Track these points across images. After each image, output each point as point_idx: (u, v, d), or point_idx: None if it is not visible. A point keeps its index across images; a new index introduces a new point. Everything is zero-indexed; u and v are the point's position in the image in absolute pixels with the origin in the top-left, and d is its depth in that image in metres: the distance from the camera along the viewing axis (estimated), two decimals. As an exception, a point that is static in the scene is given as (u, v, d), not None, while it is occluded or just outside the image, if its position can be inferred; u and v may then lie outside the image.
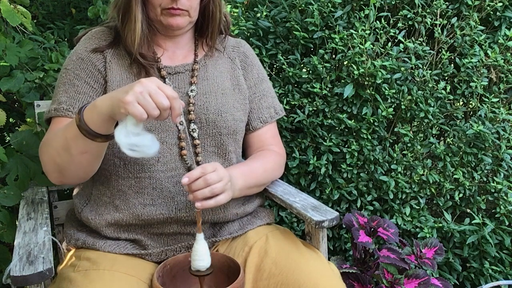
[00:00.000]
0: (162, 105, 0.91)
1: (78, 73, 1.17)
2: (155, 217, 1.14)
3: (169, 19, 1.14)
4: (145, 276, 1.09)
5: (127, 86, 0.94)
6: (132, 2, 1.13)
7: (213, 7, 1.21)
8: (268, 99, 1.34)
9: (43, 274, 0.92)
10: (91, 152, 1.03)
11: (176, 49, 1.24)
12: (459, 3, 1.80)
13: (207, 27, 1.24)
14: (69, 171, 1.07)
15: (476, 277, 1.80)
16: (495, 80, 1.81)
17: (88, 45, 1.20)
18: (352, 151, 1.74)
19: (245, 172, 1.20)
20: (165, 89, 0.92)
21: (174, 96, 0.92)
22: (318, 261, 1.13)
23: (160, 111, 0.91)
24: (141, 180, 1.14)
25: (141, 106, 0.90)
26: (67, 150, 1.02)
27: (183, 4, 1.12)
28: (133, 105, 0.89)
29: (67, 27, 2.24)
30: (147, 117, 0.90)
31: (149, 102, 0.90)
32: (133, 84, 0.92)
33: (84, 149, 1.01)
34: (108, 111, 0.94)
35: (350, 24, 1.76)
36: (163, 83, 0.93)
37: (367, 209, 1.79)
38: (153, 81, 0.92)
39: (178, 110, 0.93)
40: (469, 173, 1.82)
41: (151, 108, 0.90)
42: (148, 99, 0.90)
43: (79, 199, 1.23)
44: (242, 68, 1.31)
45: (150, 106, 0.90)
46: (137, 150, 0.94)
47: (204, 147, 1.19)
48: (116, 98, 0.92)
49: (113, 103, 0.93)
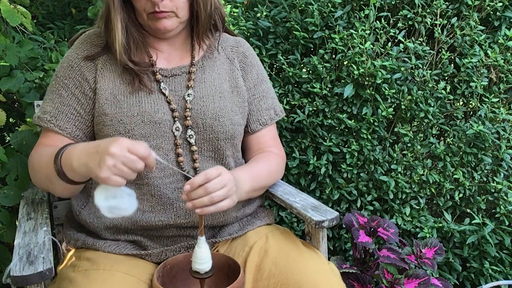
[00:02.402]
0: (136, 169, 0.92)
1: (66, 82, 1.16)
2: (154, 224, 1.14)
3: (156, 23, 1.12)
4: (145, 276, 1.08)
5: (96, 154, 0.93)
6: (111, 13, 1.11)
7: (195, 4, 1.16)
8: (268, 101, 1.32)
9: (43, 274, 0.91)
10: (74, 188, 1.08)
11: (172, 51, 1.22)
12: (459, 3, 1.80)
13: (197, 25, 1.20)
14: (55, 192, 1.15)
15: (476, 277, 1.80)
16: (495, 80, 1.82)
17: (79, 51, 1.18)
18: (352, 151, 1.74)
19: (251, 175, 1.18)
20: (137, 150, 0.92)
21: (146, 155, 0.92)
22: (318, 261, 1.13)
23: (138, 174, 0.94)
24: (139, 187, 1.13)
25: (118, 177, 0.91)
26: (52, 182, 1.06)
27: (165, 6, 1.09)
28: (110, 179, 0.90)
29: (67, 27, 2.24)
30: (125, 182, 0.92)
31: (124, 170, 0.91)
32: (104, 155, 0.91)
33: (66, 187, 1.05)
34: (86, 174, 0.96)
35: (350, 24, 1.76)
36: (132, 143, 0.92)
37: (367, 209, 1.79)
38: (123, 147, 0.91)
39: (153, 164, 0.95)
40: (469, 173, 1.82)
41: (128, 175, 0.92)
42: (122, 168, 0.91)
43: (77, 201, 1.22)
44: (241, 69, 1.28)
45: (126, 174, 0.91)
46: (116, 213, 0.96)
47: (201, 152, 1.18)
48: (90, 169, 0.93)
49: (89, 172, 0.94)
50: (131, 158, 0.91)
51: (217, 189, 0.98)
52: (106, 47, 1.17)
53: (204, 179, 0.97)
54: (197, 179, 0.97)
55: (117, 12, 1.10)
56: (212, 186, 0.97)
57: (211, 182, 0.98)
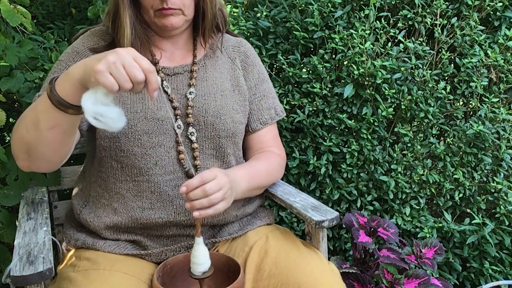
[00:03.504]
0: (135, 78, 0.85)
1: (70, 65, 1.15)
2: (154, 221, 1.14)
3: (162, 20, 1.12)
4: (145, 276, 1.09)
5: (101, 54, 0.89)
6: (120, 9, 1.11)
7: (203, 3, 1.17)
8: (269, 100, 1.33)
9: (43, 274, 0.91)
10: (61, 126, 0.97)
11: (175, 50, 1.22)
12: (459, 3, 1.80)
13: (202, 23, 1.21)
14: (36, 151, 1.00)
15: (476, 277, 1.80)
16: (495, 80, 1.82)
17: (86, 42, 1.19)
18: (352, 151, 1.74)
19: (249, 174, 1.19)
20: (142, 61, 0.87)
21: (151, 69, 0.87)
22: (318, 261, 1.13)
23: (133, 84, 0.87)
24: (139, 184, 1.14)
25: (112, 77, 0.85)
26: (36, 125, 0.96)
27: (173, 3, 1.10)
28: (104, 75, 0.84)
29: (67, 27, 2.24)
30: (118, 89, 0.85)
31: (122, 73, 0.85)
32: (107, 53, 0.87)
33: (54, 123, 0.95)
34: (80, 79, 0.89)
35: (350, 24, 1.76)
36: (140, 55, 0.88)
37: (367, 209, 1.79)
38: (129, 52, 0.87)
39: (155, 84, 0.88)
40: (469, 173, 1.82)
41: (123, 81, 0.85)
42: (121, 70, 0.85)
43: (78, 200, 1.22)
44: (243, 68, 1.29)
45: (122, 78, 0.85)
46: (101, 120, 0.88)
47: (203, 150, 1.18)
48: (88, 66, 0.87)
49: (85, 70, 0.88)
50: (133, 64, 0.86)
51: (215, 191, 0.99)
52: (112, 44, 1.17)
53: (200, 181, 0.98)
54: (193, 181, 0.97)
55: (126, 9, 1.11)
56: (211, 188, 0.98)
57: (209, 184, 0.98)
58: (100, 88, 0.87)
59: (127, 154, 1.12)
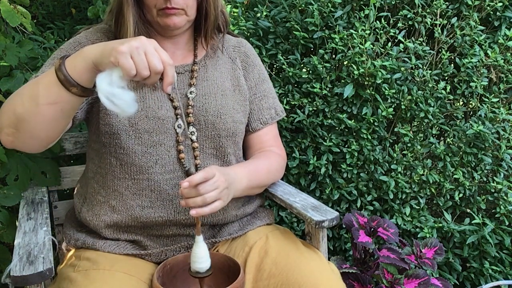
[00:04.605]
0: (155, 67, 0.87)
1: (71, 53, 1.13)
2: (153, 220, 1.14)
3: (165, 19, 1.13)
4: (145, 276, 1.09)
5: (124, 39, 0.90)
6: (124, 7, 1.11)
7: (206, 4, 1.18)
8: (269, 100, 1.34)
9: (43, 274, 0.91)
10: (61, 105, 0.95)
11: (175, 50, 1.22)
12: (459, 3, 1.80)
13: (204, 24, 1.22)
14: (27, 125, 0.97)
15: (476, 277, 1.80)
16: (495, 80, 1.82)
17: (90, 35, 1.19)
18: (352, 151, 1.74)
19: (250, 172, 1.19)
20: (162, 53, 0.89)
21: (170, 62, 0.89)
22: (318, 261, 1.13)
23: (150, 73, 0.88)
24: (139, 182, 1.14)
25: (132, 61, 0.86)
26: (34, 99, 0.94)
27: (177, 3, 1.11)
28: (125, 57, 0.85)
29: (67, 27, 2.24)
30: (135, 73, 0.86)
31: (143, 59, 0.86)
32: (130, 39, 0.89)
33: (55, 99, 0.94)
34: (96, 58, 0.90)
35: (350, 24, 1.76)
36: (161, 48, 0.90)
37: (367, 209, 1.79)
38: (152, 42, 0.89)
39: (171, 78, 0.89)
40: (469, 173, 1.82)
41: (143, 67, 0.86)
42: (142, 56, 0.86)
43: (78, 198, 1.23)
44: (243, 68, 1.30)
45: (142, 64, 0.86)
46: (115, 103, 0.88)
47: (203, 149, 1.19)
48: (109, 46, 0.88)
49: (104, 50, 0.89)
50: (155, 53, 0.87)
51: (209, 191, 1.00)
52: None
53: (204, 177, 0.98)
54: (195, 177, 0.98)
55: (129, 7, 1.11)
56: (204, 188, 0.99)
57: (203, 184, 0.99)
58: (117, 70, 0.88)
59: (127, 151, 1.12)
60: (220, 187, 1.02)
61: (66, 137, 1.42)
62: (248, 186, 1.18)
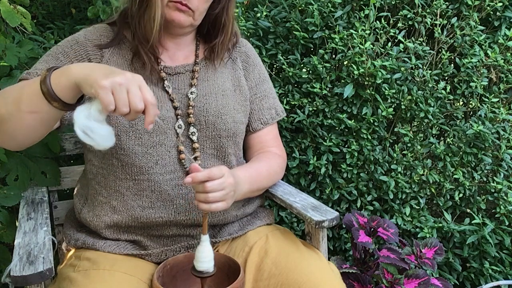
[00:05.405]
0: (135, 105, 0.86)
1: (68, 51, 1.14)
2: (154, 220, 1.14)
3: (173, 12, 1.11)
4: (145, 276, 1.08)
5: (110, 70, 0.89)
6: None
7: (225, 19, 1.18)
8: (269, 100, 1.34)
9: (43, 274, 0.91)
10: (41, 115, 0.95)
11: (177, 50, 1.22)
12: (459, 3, 1.80)
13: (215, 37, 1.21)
14: (7, 126, 0.97)
15: (476, 277, 1.80)
16: (495, 80, 1.82)
17: (89, 34, 1.18)
18: (352, 151, 1.74)
19: (252, 177, 1.19)
20: (145, 92, 0.88)
21: (152, 102, 0.88)
22: (318, 261, 1.13)
23: (130, 111, 0.87)
24: (140, 182, 1.13)
25: (113, 97, 0.85)
26: (17, 104, 0.94)
27: (191, 2, 1.10)
28: (106, 92, 0.84)
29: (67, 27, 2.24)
30: (114, 109, 0.86)
31: (123, 97, 0.85)
32: (116, 72, 0.88)
33: (36, 109, 0.94)
34: (79, 81, 0.89)
35: (350, 24, 1.76)
36: (146, 86, 0.89)
37: (367, 209, 1.79)
38: (137, 79, 0.88)
39: (152, 117, 0.88)
40: (469, 173, 1.82)
41: (122, 104, 0.85)
42: (123, 93, 0.85)
43: (79, 199, 1.22)
44: (244, 68, 1.30)
45: (122, 102, 0.85)
46: (90, 136, 0.88)
47: (203, 149, 1.18)
48: (93, 75, 0.87)
49: (89, 77, 0.87)
50: (137, 93, 0.87)
51: (215, 190, 1.00)
52: (114, 40, 1.17)
53: (207, 177, 0.98)
54: (199, 175, 0.98)
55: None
56: (211, 186, 0.99)
57: (213, 182, 0.99)
58: (96, 103, 0.88)
59: (127, 152, 1.12)
60: (226, 189, 1.02)
61: (66, 137, 1.42)
62: (249, 190, 1.18)
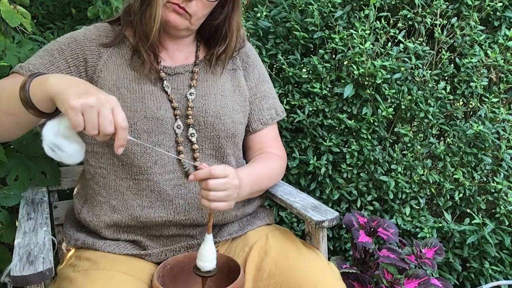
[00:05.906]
0: (104, 129, 0.85)
1: (64, 48, 1.14)
2: (153, 220, 1.14)
3: (170, 13, 1.10)
4: (145, 276, 1.08)
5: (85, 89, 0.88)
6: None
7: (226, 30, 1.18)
8: (269, 100, 1.33)
9: (43, 274, 0.91)
10: (17, 118, 0.96)
11: (176, 51, 1.22)
12: (459, 3, 1.80)
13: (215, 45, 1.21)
14: None
15: (476, 277, 1.80)
16: (495, 80, 1.82)
17: (88, 33, 1.17)
18: (352, 151, 1.74)
19: (253, 179, 1.18)
20: (118, 115, 0.86)
21: (123, 126, 0.87)
22: (318, 261, 1.13)
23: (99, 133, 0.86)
24: (139, 182, 1.13)
25: (82, 119, 0.84)
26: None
27: (190, 7, 1.09)
28: (75, 113, 0.83)
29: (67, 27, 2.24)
30: (83, 129, 0.85)
31: (93, 119, 0.84)
32: (90, 92, 0.86)
33: (13, 112, 0.95)
34: (54, 95, 0.88)
35: (350, 24, 1.76)
36: (119, 108, 0.88)
37: (367, 209, 1.79)
38: (110, 102, 0.87)
39: (122, 141, 0.87)
40: (469, 173, 1.82)
41: (91, 127, 0.84)
42: (93, 116, 0.84)
43: (78, 199, 1.22)
44: (243, 68, 1.30)
45: (91, 124, 0.84)
46: (57, 153, 0.88)
47: (202, 150, 1.18)
48: (66, 94, 0.86)
49: (61, 96, 0.86)
50: (108, 117, 0.85)
51: (216, 189, 1.00)
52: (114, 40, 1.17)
53: (208, 174, 0.99)
54: (200, 173, 0.99)
55: None
56: (212, 185, 0.99)
57: (215, 181, 0.99)
58: (65, 120, 0.88)
59: (127, 152, 1.12)
60: (229, 190, 1.02)
61: (66, 137, 1.41)
62: (250, 192, 1.18)
